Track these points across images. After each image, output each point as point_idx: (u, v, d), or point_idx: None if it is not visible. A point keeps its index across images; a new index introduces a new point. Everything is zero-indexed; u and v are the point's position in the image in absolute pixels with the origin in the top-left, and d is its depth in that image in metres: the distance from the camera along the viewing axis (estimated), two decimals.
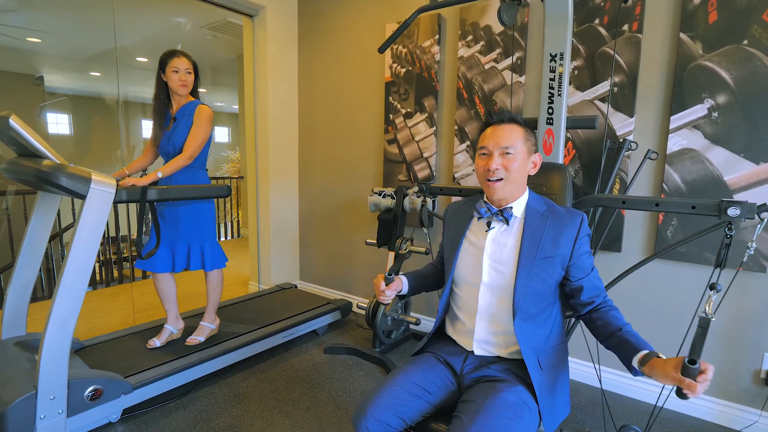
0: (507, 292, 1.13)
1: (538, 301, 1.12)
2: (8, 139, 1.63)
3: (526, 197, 1.19)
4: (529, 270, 1.11)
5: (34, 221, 1.93)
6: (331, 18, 3.06)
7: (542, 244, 1.12)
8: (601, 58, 2.02)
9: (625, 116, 1.99)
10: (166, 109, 2.12)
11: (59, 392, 1.56)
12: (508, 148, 1.11)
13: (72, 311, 1.56)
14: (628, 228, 2.04)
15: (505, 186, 1.12)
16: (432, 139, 2.62)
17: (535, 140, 1.17)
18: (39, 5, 3.58)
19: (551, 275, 1.12)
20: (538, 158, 1.19)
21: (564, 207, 1.17)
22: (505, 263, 1.14)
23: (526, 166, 1.15)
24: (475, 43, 2.39)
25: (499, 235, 1.17)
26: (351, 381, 2.15)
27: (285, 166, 3.32)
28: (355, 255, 3.13)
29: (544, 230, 1.13)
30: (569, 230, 1.12)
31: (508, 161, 1.11)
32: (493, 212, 1.17)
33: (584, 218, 1.14)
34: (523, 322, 1.12)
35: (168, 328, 2.20)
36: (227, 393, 2.02)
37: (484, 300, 1.16)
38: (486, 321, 1.16)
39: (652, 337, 2.00)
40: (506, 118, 1.14)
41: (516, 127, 1.13)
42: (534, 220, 1.14)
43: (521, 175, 1.14)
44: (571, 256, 1.12)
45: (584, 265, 1.12)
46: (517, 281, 1.11)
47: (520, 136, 1.12)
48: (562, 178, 1.40)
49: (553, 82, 1.48)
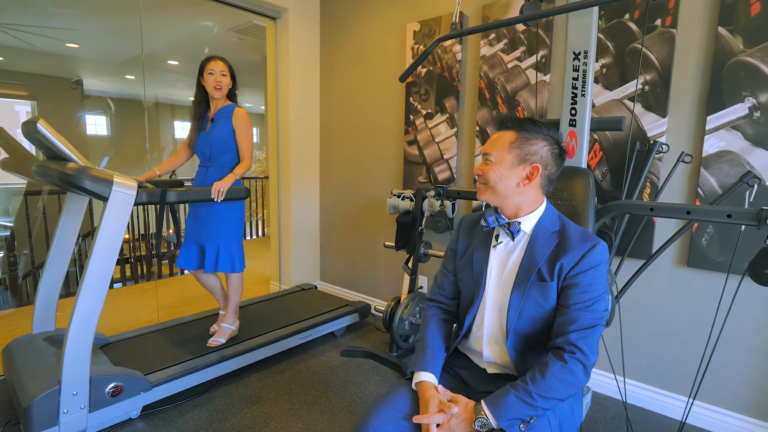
0: (505, 312, 1.07)
1: (533, 324, 1.05)
2: (38, 142, 1.69)
3: (540, 212, 1.09)
4: (523, 292, 1.04)
5: (64, 221, 2.01)
6: (351, 19, 3.05)
7: (541, 266, 1.03)
8: (631, 55, 1.92)
9: (656, 116, 1.88)
10: (205, 113, 2.19)
11: (81, 388, 1.61)
12: (488, 155, 1.06)
13: (94, 310, 1.60)
14: (659, 234, 1.93)
15: (486, 191, 1.07)
16: (453, 140, 2.57)
17: (534, 149, 1.04)
18: (75, 14, 3.73)
19: (548, 301, 1.03)
20: (533, 170, 1.04)
21: (581, 230, 1.06)
22: (506, 281, 1.08)
23: (511, 176, 1.04)
24: (498, 42, 2.32)
25: (504, 251, 1.10)
26: (366, 385, 2.13)
27: (306, 166, 3.33)
28: (374, 257, 3.11)
29: (547, 251, 1.03)
30: (572, 256, 1.00)
31: (486, 168, 1.06)
32: (500, 223, 1.09)
33: (597, 247, 1.00)
34: (519, 345, 1.06)
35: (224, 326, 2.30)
36: (243, 393, 2.04)
37: (489, 319, 1.10)
38: (494, 342, 1.11)
39: (682, 349, 1.89)
40: (503, 124, 1.08)
41: (509, 133, 1.05)
42: (540, 239, 1.05)
43: (502, 186, 1.05)
44: (562, 281, 1.01)
45: (570, 295, 0.99)
46: (511, 302, 1.05)
47: (506, 144, 1.04)
48: (585, 183, 1.33)
49: (577, 82, 1.42)
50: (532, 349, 1.06)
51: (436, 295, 1.25)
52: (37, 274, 3.60)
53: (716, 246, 1.78)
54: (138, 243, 4.40)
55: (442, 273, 1.26)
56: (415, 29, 2.65)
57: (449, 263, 1.23)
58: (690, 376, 1.88)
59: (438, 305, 1.24)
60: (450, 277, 1.23)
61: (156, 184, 2.16)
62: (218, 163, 2.15)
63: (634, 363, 2.02)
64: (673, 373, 1.92)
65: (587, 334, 0.97)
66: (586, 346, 0.96)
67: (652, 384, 1.98)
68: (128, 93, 6.08)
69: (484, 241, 1.14)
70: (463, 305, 1.18)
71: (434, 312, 1.22)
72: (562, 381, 0.94)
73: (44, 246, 3.51)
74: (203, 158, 2.19)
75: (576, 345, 0.96)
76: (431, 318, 1.20)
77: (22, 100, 4.51)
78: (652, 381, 1.98)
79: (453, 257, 1.22)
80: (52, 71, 4.79)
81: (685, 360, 1.89)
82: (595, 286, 1.00)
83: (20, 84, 4.46)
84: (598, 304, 0.99)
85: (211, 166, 2.15)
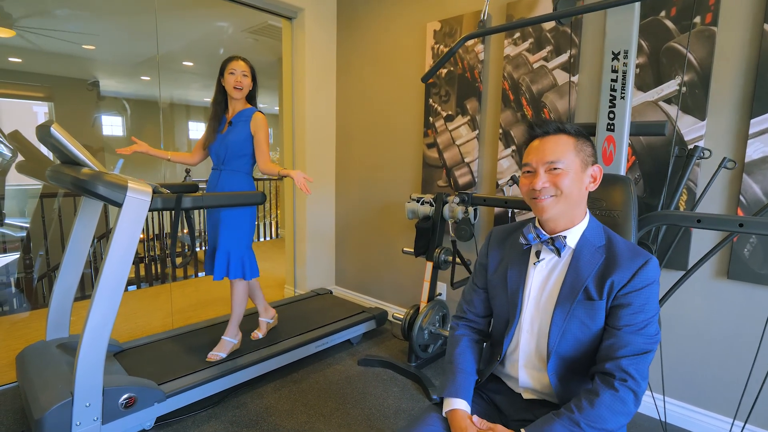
0: (545, 334, 0.99)
1: (577, 347, 0.96)
2: (52, 146, 1.65)
3: (584, 225, 1.00)
4: (567, 311, 0.95)
5: (78, 226, 1.97)
6: (369, 18, 2.98)
7: (588, 284, 0.94)
8: (668, 55, 1.82)
9: (694, 119, 1.77)
10: (223, 113, 2.15)
11: (95, 399, 1.56)
12: (555, 162, 0.95)
13: (107, 319, 1.56)
14: (696, 244, 1.82)
15: (557, 203, 0.96)
16: (474, 143, 2.48)
17: (592, 150, 1.00)
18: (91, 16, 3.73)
19: (596, 322, 0.94)
20: (597, 170, 1.01)
21: (630, 244, 0.98)
22: (547, 300, 1.00)
23: (582, 181, 0.98)
24: (523, 41, 2.23)
25: (546, 269, 1.02)
26: (385, 398, 2.05)
27: (322, 168, 3.27)
28: (391, 262, 3.04)
29: (594, 268, 0.95)
30: (624, 273, 0.92)
31: (556, 177, 0.95)
32: (543, 239, 1.00)
33: (650, 263, 0.92)
34: (561, 369, 0.97)
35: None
36: (259, 404, 1.98)
37: (525, 342, 1.02)
38: (531, 366, 1.02)
39: (721, 366, 1.78)
40: (551, 129, 0.98)
41: (564, 137, 0.97)
42: (585, 254, 0.97)
43: (576, 193, 0.97)
44: (611, 300, 0.93)
45: (620, 315, 0.91)
46: (553, 322, 0.96)
47: (570, 148, 0.96)
48: (625, 192, 1.24)
49: (615, 84, 1.32)
50: (575, 374, 0.97)
51: (465, 312, 1.17)
52: (53, 276, 3.60)
53: (759, 257, 1.67)
54: (153, 243, 4.40)
55: (471, 288, 1.17)
56: (435, 28, 2.57)
57: (479, 279, 1.15)
58: (732, 396, 1.77)
59: (468, 324, 1.16)
60: (481, 293, 1.15)
61: (171, 189, 2.12)
62: (231, 166, 2.10)
63: (671, 380, 1.92)
64: (714, 392, 1.81)
65: (639, 360, 0.89)
66: (638, 373, 0.88)
67: (692, 403, 1.87)
68: (144, 94, 6.10)
69: (519, 257, 1.06)
70: (497, 327, 1.10)
71: (464, 331, 1.14)
72: (613, 411, 0.86)
73: (59, 248, 3.51)
74: (217, 161, 2.13)
75: (627, 371, 0.87)
76: (461, 338, 1.12)
77: (40, 101, 4.53)
78: (692, 400, 1.87)
79: (483, 273, 1.14)
80: (69, 73, 4.81)
81: (724, 377, 1.78)
82: (649, 306, 0.91)
83: (38, 86, 4.49)
84: (650, 327, 0.91)
85: (223, 170, 2.10)
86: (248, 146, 2.09)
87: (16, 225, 3.56)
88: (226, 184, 2.08)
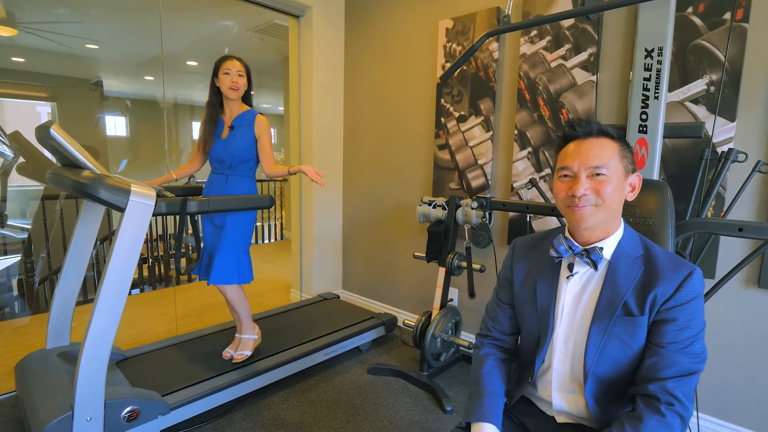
0: (581, 353, 0.91)
1: (617, 367, 0.88)
2: (51, 148, 1.59)
3: (619, 234, 0.93)
4: (605, 328, 0.87)
5: (79, 230, 1.90)
6: (378, 16, 2.91)
7: (627, 299, 0.87)
8: (695, 53, 1.73)
9: (724, 120, 1.69)
10: (218, 116, 2.06)
11: (96, 413, 1.49)
12: (599, 168, 0.87)
13: (109, 328, 1.49)
14: (724, 250, 1.74)
15: (597, 213, 0.88)
16: (488, 144, 2.40)
17: (632, 156, 0.92)
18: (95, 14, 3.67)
19: (637, 340, 0.86)
20: (636, 179, 0.93)
21: (670, 254, 0.90)
22: (582, 317, 0.92)
23: (623, 189, 0.90)
24: (540, 39, 2.15)
25: (580, 283, 0.93)
26: (397, 409, 1.98)
27: (329, 170, 3.20)
28: (401, 266, 2.96)
29: (633, 281, 0.87)
30: (667, 285, 0.85)
31: (599, 184, 0.86)
32: (576, 251, 0.92)
33: (695, 275, 0.85)
34: (599, 392, 0.89)
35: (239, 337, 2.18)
36: (267, 416, 1.91)
37: (559, 362, 0.94)
38: (565, 389, 0.94)
39: (749, 378, 1.69)
40: (594, 130, 0.89)
41: (608, 141, 0.89)
42: (622, 266, 0.89)
43: (617, 202, 0.89)
44: (653, 315, 0.85)
45: (664, 332, 0.84)
46: (589, 341, 0.88)
47: (614, 153, 0.88)
48: (661, 198, 1.16)
49: (648, 83, 1.24)
50: (614, 397, 0.89)
51: (491, 330, 1.08)
52: (54, 279, 3.54)
53: None
54: (156, 243, 4.33)
55: (496, 304, 1.09)
56: (447, 26, 2.49)
57: (504, 294, 1.07)
58: (762, 410, 1.68)
59: (494, 342, 1.07)
60: (506, 309, 1.06)
61: (174, 191, 2.05)
62: (238, 171, 2.03)
63: (701, 394, 1.83)
64: (743, 406, 1.73)
65: (686, 382, 0.81)
66: (685, 396, 0.80)
67: (721, 417, 1.78)
68: (147, 94, 6.05)
69: (548, 270, 0.98)
70: (526, 345, 1.02)
71: (490, 350, 1.06)
72: None
73: (61, 250, 3.45)
74: (220, 166, 2.04)
75: (673, 394, 0.80)
76: (487, 357, 1.04)
77: (43, 101, 4.48)
78: (720, 414, 1.78)
79: (509, 288, 1.06)
80: (72, 72, 4.76)
81: (754, 392, 1.69)
82: (695, 322, 0.84)
83: (41, 85, 4.44)
84: (696, 344, 0.84)
85: (231, 174, 2.02)
86: (253, 150, 2.03)
87: (18, 226, 3.50)
88: (234, 190, 2.02)
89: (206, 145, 2.04)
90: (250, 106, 2.10)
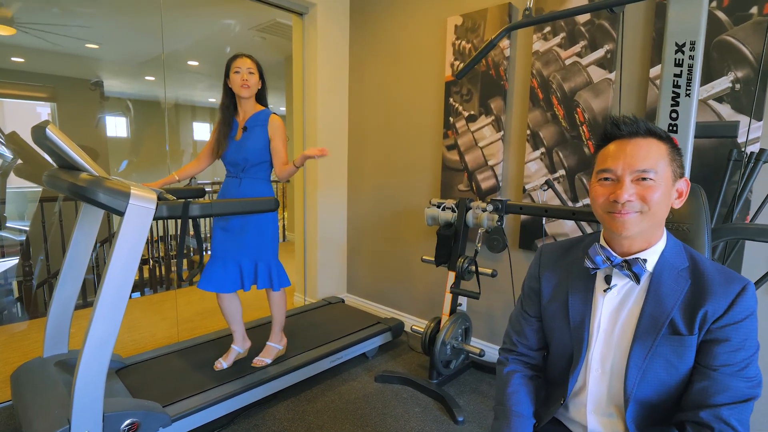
0: (620, 374, 0.83)
1: (662, 390, 0.81)
2: (48, 149, 1.52)
3: (662, 244, 0.85)
4: (649, 348, 0.80)
5: (77, 234, 1.83)
6: (385, 13, 2.84)
7: (673, 316, 0.79)
8: (719, 49, 1.66)
9: (750, 119, 1.62)
10: (233, 118, 2.00)
11: (94, 427, 1.42)
12: (647, 171, 0.78)
13: (108, 337, 1.42)
14: (749, 256, 1.66)
15: (641, 221, 0.80)
16: (499, 145, 2.33)
17: (681, 160, 0.84)
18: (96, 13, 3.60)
19: (684, 361, 0.79)
20: (684, 185, 0.85)
21: (718, 266, 0.82)
22: (621, 335, 0.84)
23: (670, 196, 0.82)
24: (554, 36, 2.08)
25: (618, 296, 0.86)
26: (407, 419, 1.91)
27: (333, 171, 3.13)
28: (408, 270, 2.89)
29: (679, 296, 0.80)
30: (719, 302, 0.77)
31: (646, 190, 0.78)
32: (615, 263, 0.84)
33: (748, 290, 0.77)
34: (641, 417, 0.82)
35: (235, 349, 2.09)
36: (272, 427, 1.84)
37: (595, 383, 0.87)
38: (601, 412, 0.87)
39: None
40: (642, 130, 0.81)
41: (656, 142, 0.80)
42: (667, 279, 0.82)
43: (663, 210, 0.81)
44: (704, 334, 0.78)
45: (716, 353, 0.76)
46: (631, 361, 0.81)
47: (663, 155, 0.80)
48: (695, 202, 1.09)
49: (680, 79, 1.17)
50: (657, 423, 0.82)
51: (516, 344, 1.01)
52: (53, 282, 3.48)
53: None
54: (157, 245, 4.26)
55: (521, 316, 1.01)
56: (456, 23, 2.42)
57: (531, 306, 0.99)
58: None
59: (519, 358, 1.00)
60: (533, 323, 0.99)
61: (175, 193, 1.98)
62: (252, 174, 1.96)
63: None
64: None
65: (741, 409, 0.74)
66: (741, 425, 0.73)
67: None
68: (148, 94, 5.99)
69: (582, 281, 0.90)
70: (557, 363, 0.94)
71: (516, 366, 0.98)
72: None
73: (60, 252, 3.38)
74: (234, 169, 1.98)
75: (729, 423, 0.73)
76: (513, 375, 0.96)
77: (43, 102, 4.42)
78: None
79: (536, 299, 0.98)
80: (72, 72, 4.70)
81: None
82: (749, 342, 0.77)
83: (41, 86, 4.38)
84: (751, 368, 0.76)
85: (244, 177, 1.96)
86: (267, 152, 1.97)
87: (16, 228, 3.44)
88: (247, 193, 1.96)
89: (220, 149, 1.98)
90: (264, 106, 2.04)
